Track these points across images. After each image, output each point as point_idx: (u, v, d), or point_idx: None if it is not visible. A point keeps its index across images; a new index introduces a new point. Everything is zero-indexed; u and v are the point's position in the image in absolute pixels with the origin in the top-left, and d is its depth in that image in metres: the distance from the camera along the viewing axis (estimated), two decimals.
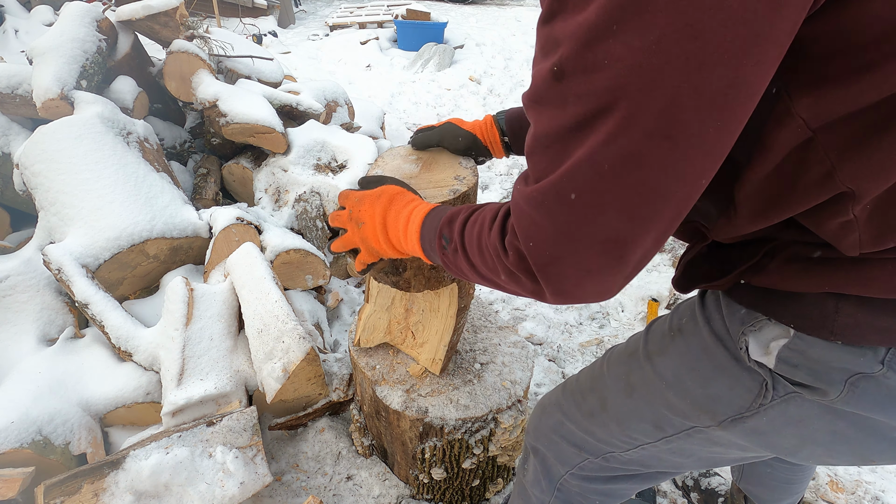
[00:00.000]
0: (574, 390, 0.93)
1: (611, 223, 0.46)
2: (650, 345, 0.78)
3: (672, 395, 0.73)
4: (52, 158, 1.69)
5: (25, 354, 1.53)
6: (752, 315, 0.61)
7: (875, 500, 1.51)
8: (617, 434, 0.83)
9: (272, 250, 1.80)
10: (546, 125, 0.47)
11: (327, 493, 1.45)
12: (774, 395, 0.62)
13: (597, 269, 0.49)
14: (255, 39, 5.69)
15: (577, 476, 0.94)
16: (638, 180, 0.43)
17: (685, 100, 0.39)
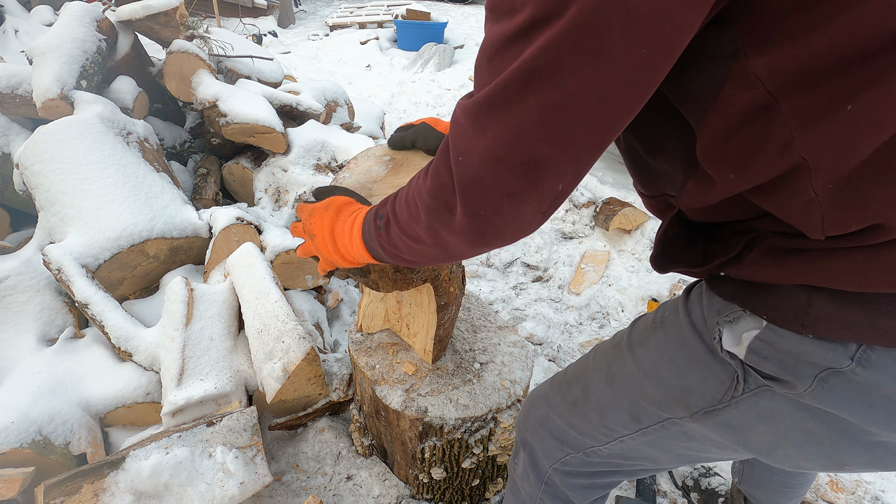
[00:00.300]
0: (560, 381, 0.94)
1: (532, 142, 0.46)
2: (633, 336, 0.79)
3: (649, 386, 0.74)
4: (52, 158, 1.69)
5: (25, 354, 1.53)
6: (729, 307, 0.61)
7: (875, 500, 1.51)
8: (597, 425, 0.84)
9: (272, 250, 1.80)
10: (493, 35, 0.46)
11: (327, 493, 1.45)
12: (745, 388, 0.63)
13: (515, 192, 0.49)
14: (255, 39, 5.69)
15: (559, 472, 0.94)
16: (562, 98, 0.43)
17: (616, 19, 0.39)
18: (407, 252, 0.67)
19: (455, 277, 1.20)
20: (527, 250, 2.65)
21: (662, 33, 0.40)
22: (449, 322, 1.27)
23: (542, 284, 2.47)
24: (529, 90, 0.43)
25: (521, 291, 2.42)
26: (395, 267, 1.06)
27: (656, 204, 0.71)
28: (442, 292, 1.18)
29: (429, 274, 1.12)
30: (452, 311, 1.25)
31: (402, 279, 1.09)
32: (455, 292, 1.22)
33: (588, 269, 2.51)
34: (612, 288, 2.40)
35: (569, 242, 2.75)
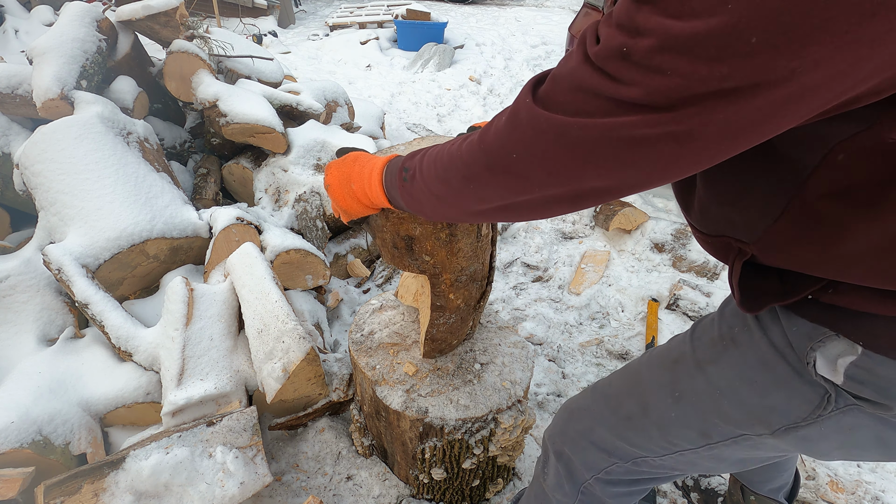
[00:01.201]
0: (608, 395, 0.92)
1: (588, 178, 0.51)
2: (699, 352, 0.78)
3: (726, 405, 0.73)
4: (52, 158, 1.69)
5: (25, 354, 1.53)
6: (819, 330, 0.60)
7: (875, 500, 1.51)
8: (657, 440, 0.83)
9: (272, 250, 1.80)
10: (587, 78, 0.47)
11: (327, 493, 1.45)
12: (835, 408, 0.63)
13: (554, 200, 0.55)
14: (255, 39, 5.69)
15: (601, 480, 0.94)
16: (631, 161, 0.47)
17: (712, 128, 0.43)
18: (429, 208, 0.71)
19: (461, 289, 1.16)
20: (527, 250, 2.65)
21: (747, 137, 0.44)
22: (446, 328, 1.24)
23: (542, 284, 2.47)
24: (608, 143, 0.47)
25: (521, 291, 2.42)
26: (393, 243, 1.08)
27: (714, 243, 0.69)
28: (439, 293, 1.17)
29: (427, 268, 1.11)
30: (451, 319, 1.22)
31: (398, 256, 1.10)
32: (457, 303, 1.18)
33: (588, 269, 2.51)
34: (612, 288, 2.40)
35: (569, 242, 2.75)
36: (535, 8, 8.57)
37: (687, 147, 0.44)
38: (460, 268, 1.11)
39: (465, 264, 1.10)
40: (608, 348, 2.07)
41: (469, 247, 1.08)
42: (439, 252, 1.07)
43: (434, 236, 1.04)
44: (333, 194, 0.91)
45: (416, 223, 1.03)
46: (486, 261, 1.16)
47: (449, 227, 1.02)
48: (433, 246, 1.05)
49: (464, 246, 1.07)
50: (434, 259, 1.08)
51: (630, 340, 2.11)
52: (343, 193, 0.89)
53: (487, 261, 1.18)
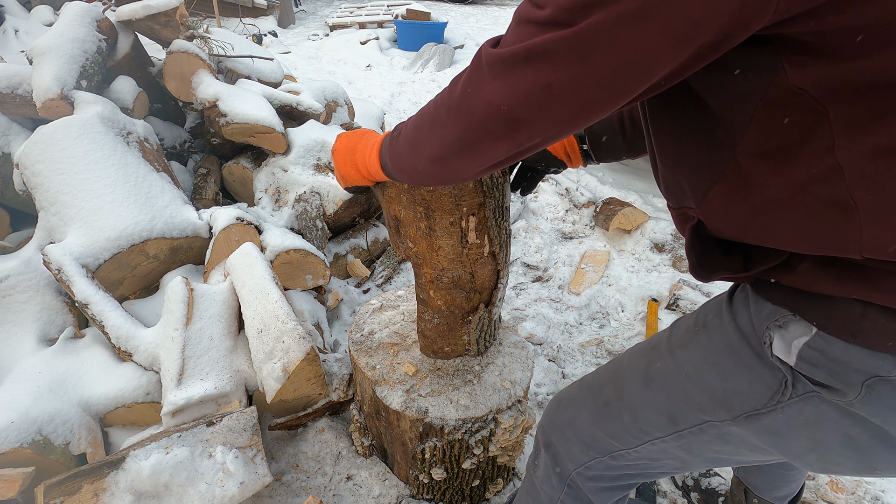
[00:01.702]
0: (592, 384, 0.94)
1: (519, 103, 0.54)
2: (673, 338, 0.80)
3: (691, 388, 0.74)
4: (52, 158, 1.69)
5: (25, 354, 1.53)
6: (779, 311, 0.62)
7: (875, 500, 1.51)
8: (629, 426, 0.84)
9: (272, 250, 1.80)
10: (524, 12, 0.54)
11: (327, 493, 1.45)
12: (793, 394, 0.63)
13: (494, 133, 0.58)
14: (255, 39, 5.69)
15: (583, 476, 0.95)
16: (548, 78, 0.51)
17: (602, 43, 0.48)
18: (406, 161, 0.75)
19: (443, 290, 1.15)
20: (527, 250, 2.65)
21: (636, 64, 0.48)
22: (433, 328, 1.24)
23: (542, 284, 2.47)
24: (530, 64, 0.52)
25: (521, 291, 2.42)
26: (388, 221, 1.10)
27: (677, 216, 0.72)
28: (421, 285, 1.18)
29: (410, 255, 1.13)
30: (436, 320, 1.22)
31: (392, 235, 1.14)
32: (439, 303, 1.18)
33: (588, 269, 2.51)
34: (612, 288, 2.40)
35: (569, 242, 2.75)
36: None
37: (587, 63, 0.49)
38: (441, 267, 1.10)
39: (446, 265, 1.10)
40: (608, 348, 2.07)
41: (451, 248, 1.07)
42: (420, 242, 1.08)
43: (415, 224, 1.06)
44: (336, 158, 0.98)
45: (400, 205, 1.05)
46: (477, 273, 1.13)
47: (427, 219, 1.03)
48: (415, 234, 1.07)
49: (444, 245, 1.07)
50: (416, 248, 1.10)
51: (630, 340, 2.11)
52: (345, 160, 0.95)
53: (485, 277, 1.15)
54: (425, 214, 1.02)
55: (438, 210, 1.01)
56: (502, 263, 1.16)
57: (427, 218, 1.03)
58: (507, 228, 1.12)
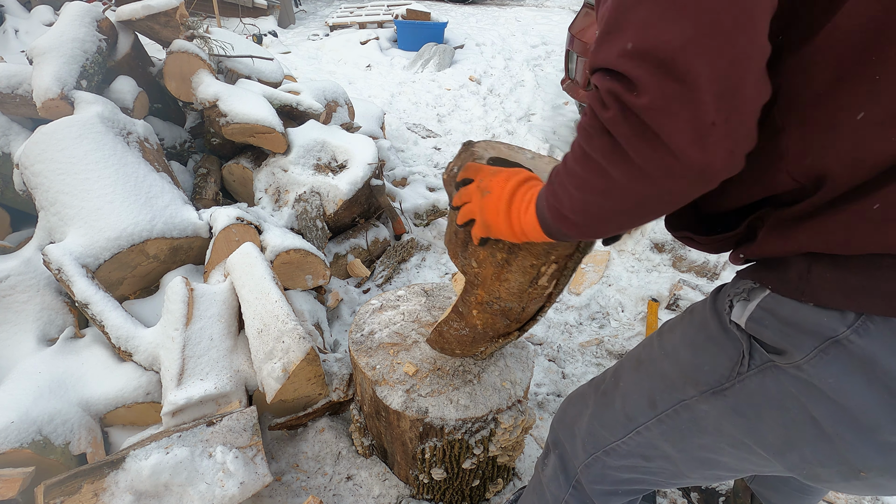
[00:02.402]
0: (597, 377, 0.96)
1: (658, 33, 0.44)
2: (665, 324, 0.83)
3: (666, 364, 0.76)
4: (53, 158, 1.69)
5: (25, 354, 1.53)
6: (744, 283, 0.64)
7: (875, 500, 1.51)
8: (619, 413, 0.85)
9: (272, 250, 1.80)
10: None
11: (327, 493, 1.45)
12: (751, 364, 0.64)
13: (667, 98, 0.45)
14: (255, 39, 5.69)
15: (585, 477, 0.95)
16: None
17: None
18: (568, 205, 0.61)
19: (488, 313, 1.08)
20: None
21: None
22: (455, 334, 1.20)
23: None
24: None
25: None
26: (455, 231, 0.98)
27: None
28: (467, 302, 1.11)
29: (469, 272, 1.04)
30: (464, 332, 1.18)
31: (453, 244, 1.03)
32: (476, 323, 1.12)
33: (588, 269, 2.51)
34: (612, 288, 2.40)
35: None
36: (535, 8, 8.57)
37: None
38: (498, 295, 1.02)
39: (504, 295, 1.02)
40: (608, 348, 2.07)
41: (517, 285, 0.98)
42: (487, 268, 0.98)
43: (490, 252, 0.95)
44: (488, 203, 0.78)
45: None
46: (528, 308, 1.06)
47: (509, 252, 0.92)
48: (484, 258, 0.98)
49: (513, 280, 0.97)
50: (479, 270, 1.01)
51: (630, 340, 2.11)
52: (498, 208, 0.76)
53: (532, 310, 1.08)
54: (509, 248, 0.92)
55: (525, 250, 0.91)
56: (552, 301, 1.08)
57: (509, 252, 0.93)
58: (574, 272, 1.02)
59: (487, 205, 0.78)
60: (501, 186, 0.76)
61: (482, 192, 0.80)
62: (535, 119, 4.21)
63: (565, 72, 3.40)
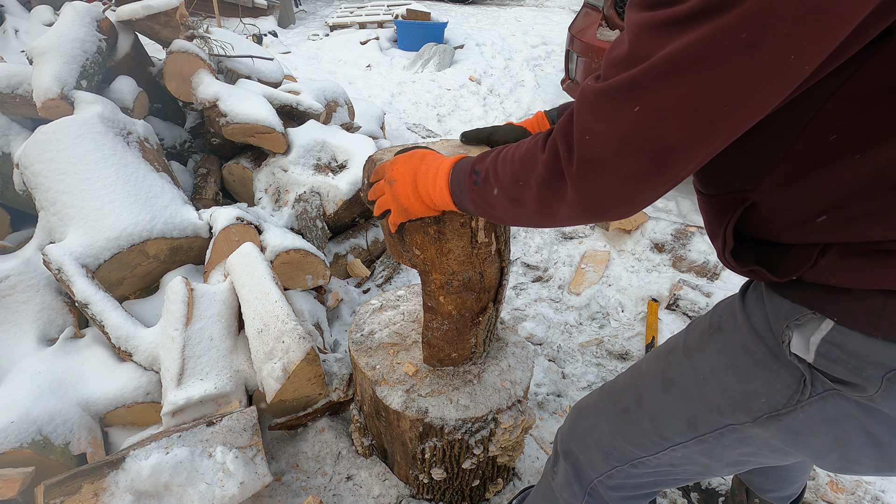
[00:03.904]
0: (611, 391, 0.93)
1: (668, 128, 0.47)
2: (689, 341, 0.79)
3: (710, 391, 0.73)
4: (52, 158, 1.69)
5: (25, 354, 1.53)
6: (798, 310, 0.61)
7: (875, 500, 1.51)
8: (650, 433, 0.83)
9: (272, 250, 1.80)
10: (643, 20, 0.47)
11: (327, 493, 1.45)
12: (812, 392, 0.62)
13: (638, 175, 0.51)
14: (255, 39, 5.69)
15: (604, 484, 0.94)
16: (708, 86, 0.44)
17: (787, 14, 0.40)
18: (501, 211, 0.70)
19: (452, 294, 1.14)
20: (527, 250, 2.65)
21: (828, 27, 0.40)
22: (440, 335, 1.23)
23: (542, 284, 2.47)
24: (676, 76, 0.44)
25: (521, 291, 2.42)
26: (388, 231, 1.05)
27: (716, 203, 0.69)
28: (429, 292, 1.16)
29: (417, 262, 1.10)
30: (445, 326, 1.20)
31: (393, 245, 1.11)
32: (448, 309, 1.16)
33: (588, 269, 2.51)
34: (612, 288, 2.40)
35: (569, 242, 2.75)
36: (535, 8, 8.57)
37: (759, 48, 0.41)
38: (451, 271, 1.08)
39: (456, 268, 1.08)
40: (608, 348, 2.07)
41: (461, 251, 1.05)
42: (429, 248, 1.05)
43: (422, 230, 1.02)
44: (398, 190, 0.87)
45: None
46: (486, 272, 1.12)
47: (437, 223, 1.00)
48: (422, 240, 1.04)
49: (454, 248, 1.04)
50: (424, 254, 1.07)
51: (630, 340, 2.11)
52: (407, 191, 0.85)
53: (492, 275, 1.14)
54: (434, 219, 1.00)
55: (448, 214, 0.98)
56: (507, 260, 1.16)
57: (436, 222, 1.00)
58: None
59: (398, 191, 0.87)
60: (402, 172, 0.86)
61: (389, 182, 0.89)
62: None
63: (565, 72, 3.40)
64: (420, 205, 0.86)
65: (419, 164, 0.84)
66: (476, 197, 0.73)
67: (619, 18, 2.92)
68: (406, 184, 0.85)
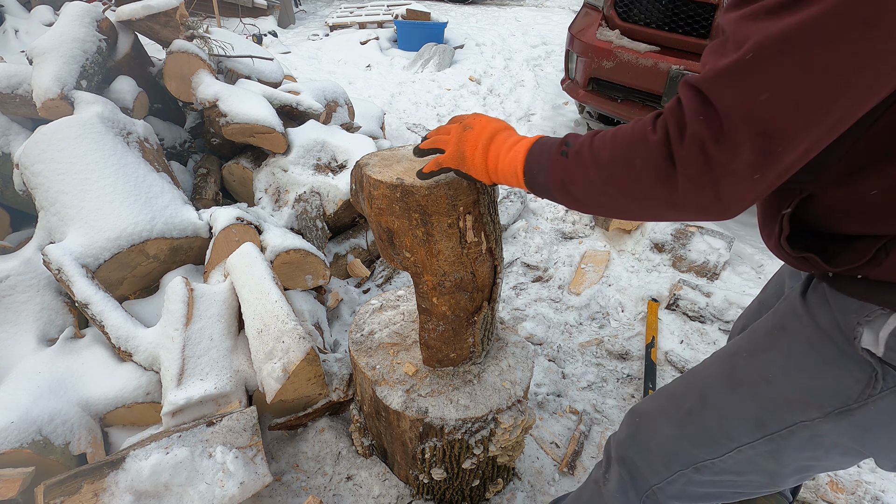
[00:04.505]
0: (671, 395, 0.93)
1: (776, 109, 0.46)
2: (753, 343, 0.80)
3: (779, 389, 0.74)
4: (52, 158, 1.69)
5: (25, 354, 1.53)
6: (867, 307, 0.62)
7: (875, 500, 1.51)
8: (716, 433, 0.83)
9: (272, 250, 1.80)
10: (750, 9, 0.48)
11: (327, 493, 1.45)
12: (884, 387, 0.63)
13: (743, 163, 0.51)
14: (255, 39, 5.69)
15: (663, 491, 0.94)
16: (819, 61, 0.43)
17: None
18: (583, 190, 0.68)
19: (445, 295, 1.14)
20: (527, 250, 2.65)
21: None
22: (437, 336, 1.23)
23: (542, 284, 2.47)
24: (785, 55, 0.44)
25: (521, 291, 2.42)
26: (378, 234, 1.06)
27: (775, 192, 0.69)
28: (423, 294, 1.16)
29: (408, 265, 1.10)
30: (440, 327, 1.21)
31: (383, 248, 1.11)
32: (442, 310, 1.17)
33: (588, 269, 2.51)
34: (612, 288, 2.40)
35: (569, 242, 2.75)
36: (535, 8, 8.58)
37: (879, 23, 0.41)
38: (442, 272, 1.08)
39: (447, 269, 1.08)
40: (608, 348, 2.07)
41: (451, 251, 1.05)
42: (418, 250, 1.06)
43: (411, 233, 1.03)
44: (468, 136, 0.85)
45: (392, 216, 1.02)
46: (478, 272, 1.12)
47: (424, 224, 1.01)
48: (411, 243, 1.05)
49: (444, 249, 1.05)
50: (414, 257, 1.07)
51: (630, 340, 2.11)
52: (477, 143, 0.83)
53: (485, 274, 1.14)
54: (422, 220, 1.01)
55: (436, 214, 1.00)
56: (499, 259, 1.16)
57: (424, 224, 1.01)
58: (499, 223, 1.13)
59: (467, 137, 0.85)
60: (483, 125, 0.85)
61: (464, 126, 0.86)
62: (535, 119, 4.21)
63: (565, 72, 3.40)
64: (481, 162, 0.84)
65: (502, 128, 0.84)
66: (558, 169, 0.70)
67: (619, 18, 2.92)
68: (481, 137, 0.83)
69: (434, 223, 1.01)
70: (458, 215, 1.01)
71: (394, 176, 1.00)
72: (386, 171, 1.03)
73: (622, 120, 3.07)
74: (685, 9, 2.57)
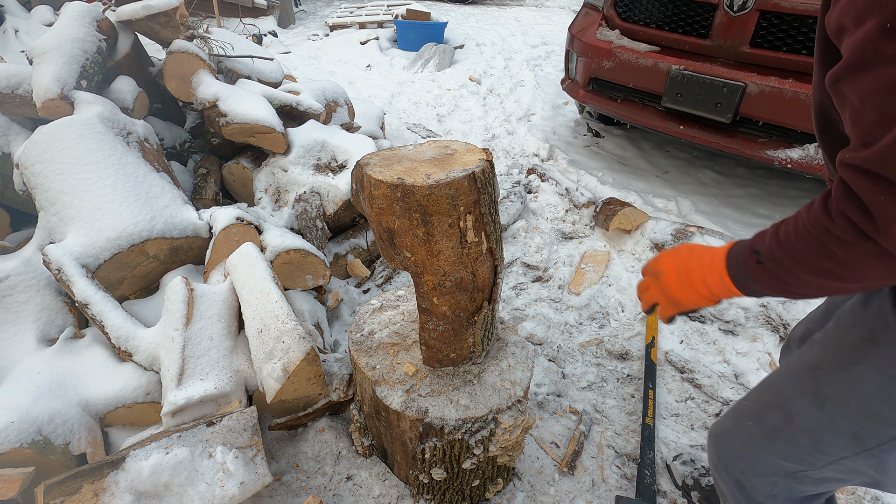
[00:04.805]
0: (749, 411, 0.93)
1: None
2: (840, 356, 0.78)
3: (874, 403, 0.73)
4: (53, 158, 1.69)
5: (25, 354, 1.53)
6: None
7: (875, 500, 1.51)
8: (809, 449, 0.83)
9: (272, 250, 1.80)
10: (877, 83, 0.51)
11: (327, 493, 1.45)
12: None
13: None
14: (255, 39, 5.69)
15: (778, 498, 0.94)
16: None
17: None
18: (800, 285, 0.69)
19: (446, 294, 1.14)
20: (527, 250, 2.65)
21: None
22: (437, 336, 1.23)
23: (542, 284, 2.47)
24: None
25: (521, 291, 2.42)
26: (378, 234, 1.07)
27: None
28: (423, 294, 1.16)
29: (408, 265, 1.10)
30: (441, 327, 1.21)
31: (384, 248, 1.11)
32: (443, 310, 1.17)
33: (588, 269, 2.51)
34: (612, 288, 2.40)
35: (569, 242, 2.75)
36: (535, 8, 8.58)
37: None
38: (443, 272, 1.09)
39: (447, 269, 1.08)
40: (608, 348, 2.07)
41: (451, 251, 1.06)
42: (419, 250, 1.06)
43: (411, 233, 1.03)
44: (666, 283, 0.87)
45: (393, 216, 1.03)
46: (478, 272, 1.12)
47: (425, 224, 1.01)
48: (412, 243, 1.05)
49: (444, 248, 1.05)
50: (415, 257, 1.08)
51: (630, 340, 2.11)
52: (679, 283, 0.85)
53: (485, 274, 1.14)
54: (422, 220, 1.01)
55: (436, 214, 1.00)
56: (499, 259, 1.16)
57: (424, 224, 1.01)
58: (499, 223, 1.13)
59: (666, 284, 0.87)
60: (670, 265, 0.86)
61: (656, 276, 0.88)
62: (534, 119, 4.21)
63: (565, 72, 3.41)
64: (694, 294, 0.84)
65: (688, 255, 0.85)
66: (763, 276, 0.72)
67: (619, 18, 2.93)
68: (677, 276, 0.85)
69: (434, 223, 1.01)
70: (458, 215, 1.02)
71: (394, 176, 1.00)
72: (387, 171, 1.03)
73: (622, 120, 3.07)
74: (685, 9, 2.57)
